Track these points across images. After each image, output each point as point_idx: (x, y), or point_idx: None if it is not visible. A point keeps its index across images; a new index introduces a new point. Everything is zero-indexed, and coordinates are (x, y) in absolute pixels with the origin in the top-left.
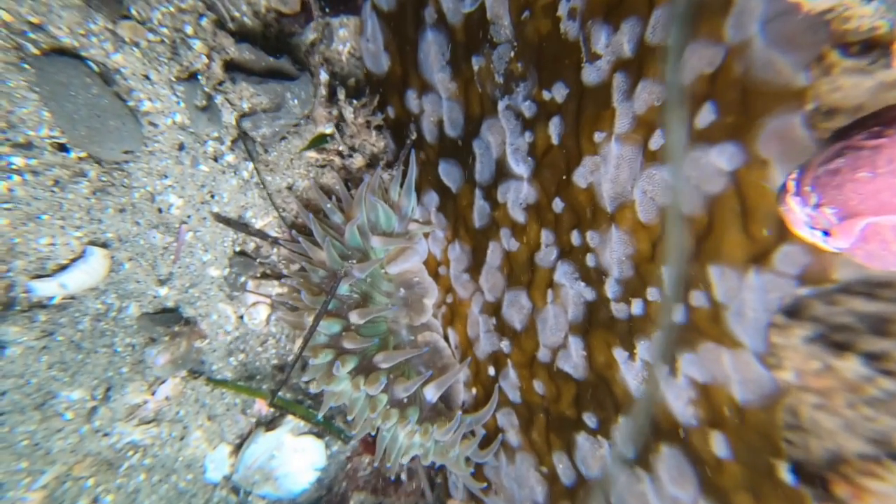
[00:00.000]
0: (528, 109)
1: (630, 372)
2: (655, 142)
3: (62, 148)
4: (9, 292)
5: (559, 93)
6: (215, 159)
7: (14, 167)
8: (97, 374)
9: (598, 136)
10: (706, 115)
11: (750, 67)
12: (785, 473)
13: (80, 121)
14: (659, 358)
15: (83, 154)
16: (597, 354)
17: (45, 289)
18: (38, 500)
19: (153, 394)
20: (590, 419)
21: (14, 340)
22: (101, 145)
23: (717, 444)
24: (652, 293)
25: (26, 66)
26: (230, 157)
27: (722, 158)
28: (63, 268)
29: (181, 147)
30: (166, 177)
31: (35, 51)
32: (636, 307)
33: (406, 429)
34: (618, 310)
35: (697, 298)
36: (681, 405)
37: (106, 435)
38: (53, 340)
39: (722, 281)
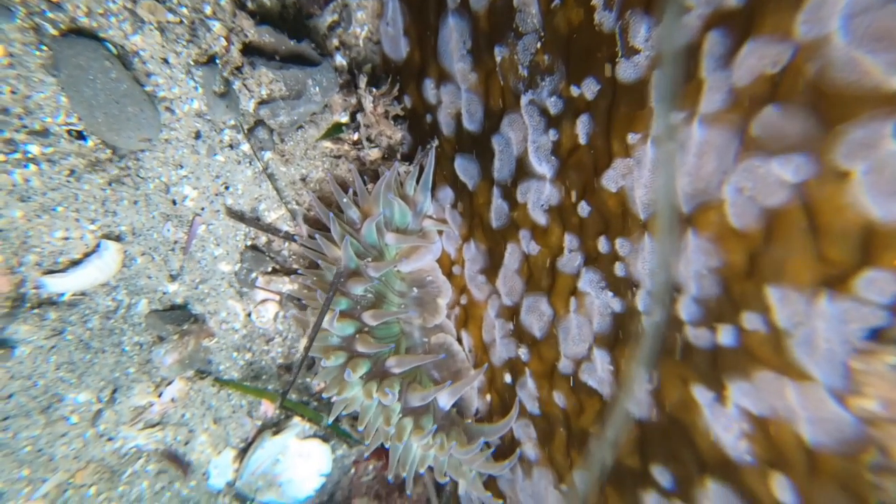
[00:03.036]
0: (553, 105)
1: (719, 420)
2: None
3: (79, 136)
4: (19, 288)
5: (589, 89)
6: (231, 147)
7: (30, 156)
8: (104, 374)
9: (631, 138)
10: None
11: (826, 68)
12: None
13: (97, 107)
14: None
15: (99, 142)
16: (668, 390)
17: (57, 285)
18: None
19: (159, 395)
20: (662, 475)
21: (24, 340)
22: (118, 133)
23: (780, 489)
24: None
25: (44, 47)
26: (246, 147)
27: (786, 169)
28: (76, 263)
29: (198, 135)
30: (182, 167)
31: (53, 31)
32: (726, 335)
33: (421, 441)
34: (697, 336)
35: (751, 321)
36: (731, 438)
37: (110, 440)
38: (63, 339)
39: (784, 305)
